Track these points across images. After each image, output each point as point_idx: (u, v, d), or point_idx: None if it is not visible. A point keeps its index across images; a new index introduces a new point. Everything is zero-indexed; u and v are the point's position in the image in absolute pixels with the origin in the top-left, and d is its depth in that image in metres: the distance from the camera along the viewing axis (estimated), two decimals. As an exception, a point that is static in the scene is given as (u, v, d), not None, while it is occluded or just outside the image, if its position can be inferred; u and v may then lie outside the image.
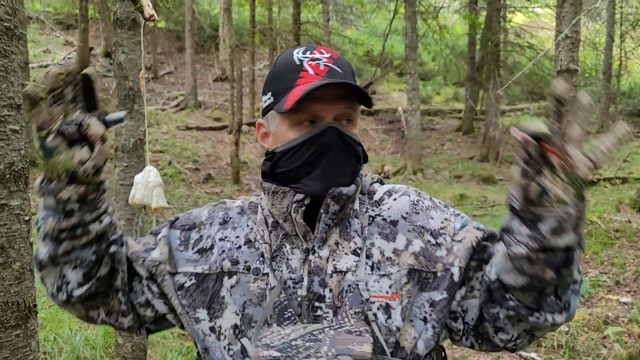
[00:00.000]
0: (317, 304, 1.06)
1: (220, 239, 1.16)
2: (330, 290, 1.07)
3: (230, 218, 1.20)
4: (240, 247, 1.14)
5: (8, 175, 1.72)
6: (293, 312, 1.06)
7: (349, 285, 1.06)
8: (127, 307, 1.19)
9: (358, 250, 1.10)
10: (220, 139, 13.41)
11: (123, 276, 1.17)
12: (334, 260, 1.09)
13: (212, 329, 1.12)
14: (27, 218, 1.80)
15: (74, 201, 1.04)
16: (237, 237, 1.16)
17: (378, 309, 1.06)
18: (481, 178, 12.09)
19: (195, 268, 1.15)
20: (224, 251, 1.14)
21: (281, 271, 1.09)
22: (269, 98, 1.13)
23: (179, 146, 11.94)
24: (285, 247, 1.11)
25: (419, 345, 1.07)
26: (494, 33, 13.73)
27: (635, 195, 8.51)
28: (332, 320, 1.05)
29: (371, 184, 1.23)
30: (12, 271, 1.75)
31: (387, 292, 1.07)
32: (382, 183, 1.27)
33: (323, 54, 1.10)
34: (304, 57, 1.09)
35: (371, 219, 1.14)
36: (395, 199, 1.17)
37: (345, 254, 1.09)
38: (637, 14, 16.61)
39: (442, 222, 1.14)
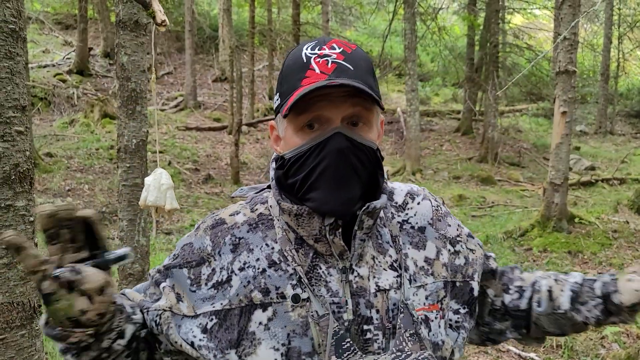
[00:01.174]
0: (365, 327, 0.99)
1: (240, 269, 1.02)
2: (377, 311, 1.00)
3: (241, 239, 1.05)
4: (264, 270, 1.01)
5: (13, 177, 1.73)
6: (350, 342, 0.97)
7: (394, 304, 1.01)
8: None
9: (395, 264, 1.04)
10: (220, 139, 13.41)
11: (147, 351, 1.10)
12: (374, 277, 1.02)
13: None
14: (32, 219, 1.81)
15: (86, 340, 0.93)
16: (258, 259, 1.02)
17: (420, 323, 1.02)
18: (480, 179, 12.11)
19: (214, 306, 1.01)
20: (249, 282, 1.01)
21: (322, 295, 0.99)
22: (277, 99, 1.03)
23: (179, 146, 11.94)
24: (321, 268, 1.01)
25: (456, 353, 1.06)
26: (492, 34, 13.76)
27: (634, 196, 8.54)
28: (382, 342, 0.99)
29: None
30: (17, 272, 1.77)
31: (424, 304, 1.03)
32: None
33: (334, 49, 0.99)
34: (312, 54, 0.98)
35: (399, 225, 1.09)
36: (419, 203, 1.13)
37: (384, 269, 1.03)
38: (634, 16, 16.65)
39: (457, 229, 1.14)
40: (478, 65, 15.17)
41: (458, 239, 1.12)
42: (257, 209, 1.09)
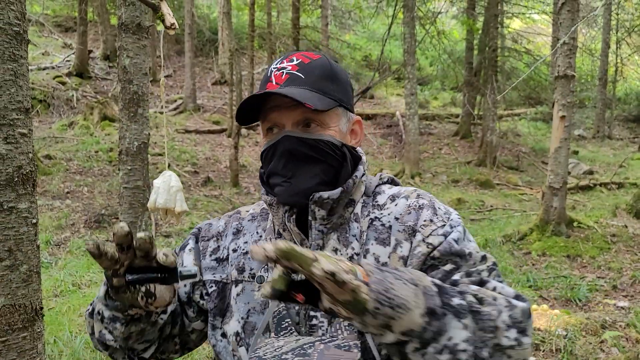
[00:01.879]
0: (312, 313, 1.07)
1: (233, 250, 1.20)
2: None
3: (243, 227, 1.24)
4: (246, 253, 1.17)
5: (16, 179, 1.73)
6: (290, 322, 1.07)
7: None
8: (179, 346, 1.26)
9: (355, 257, 1.09)
10: (219, 142, 13.42)
11: (180, 322, 1.24)
12: None
13: (223, 335, 1.16)
14: (34, 221, 1.81)
15: (141, 314, 1.09)
16: (246, 243, 1.19)
17: None
18: (478, 182, 12.12)
19: (214, 276, 1.20)
20: (236, 261, 1.18)
21: None
22: None
23: (178, 149, 11.94)
24: None
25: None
26: (491, 38, 13.80)
27: (632, 201, 8.56)
28: (326, 330, 1.05)
29: (378, 184, 1.21)
30: (20, 274, 1.77)
31: None
32: (395, 183, 1.24)
33: (292, 61, 1.12)
34: (274, 67, 1.13)
35: (370, 221, 1.12)
36: (396, 204, 1.14)
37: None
38: (632, 21, 16.70)
39: (425, 221, 1.09)
40: (477, 69, 15.20)
41: (420, 228, 1.08)
42: (262, 205, 1.26)
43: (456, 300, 0.91)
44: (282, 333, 1.06)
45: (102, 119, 12.75)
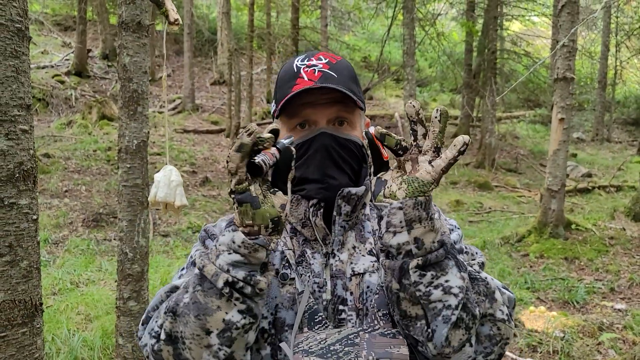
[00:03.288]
0: (340, 307, 1.08)
1: None
2: (352, 293, 1.09)
3: None
4: None
5: (17, 175, 1.74)
6: (322, 316, 1.06)
7: (368, 287, 1.09)
8: None
9: (373, 250, 1.13)
10: (218, 142, 13.42)
11: None
12: (352, 263, 1.11)
13: None
14: (34, 217, 1.81)
15: (271, 250, 0.99)
16: None
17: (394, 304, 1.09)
18: (477, 184, 12.14)
19: None
20: None
21: (307, 276, 1.10)
22: (274, 105, 1.18)
23: (176, 149, 11.94)
24: (307, 253, 1.13)
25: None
26: (490, 40, 13.81)
27: (630, 204, 8.57)
28: (356, 322, 1.06)
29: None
30: (20, 269, 1.77)
31: None
32: None
33: (321, 60, 1.14)
34: (302, 64, 1.13)
35: (379, 220, 1.14)
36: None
37: (362, 255, 1.12)
38: (632, 24, 16.74)
39: None
40: (476, 72, 15.22)
41: None
42: None
43: (460, 257, 1.04)
44: (316, 327, 1.05)
45: (101, 118, 12.74)
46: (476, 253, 1.21)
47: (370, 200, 1.20)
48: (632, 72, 21.31)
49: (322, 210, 1.11)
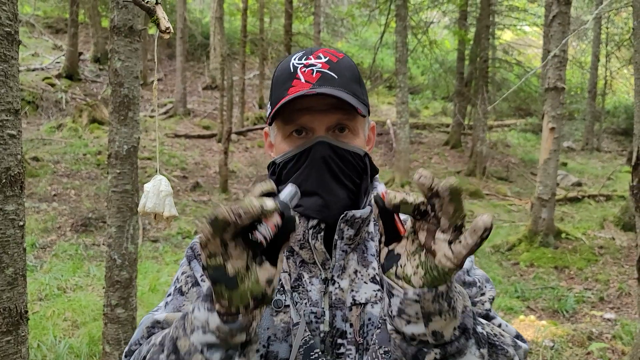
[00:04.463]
0: (339, 340, 0.99)
1: None
2: (351, 325, 1.00)
3: None
4: None
5: (4, 180, 1.71)
6: (319, 353, 0.97)
7: (369, 319, 1.00)
8: None
9: (377, 277, 1.03)
10: (209, 147, 13.37)
11: None
12: (352, 291, 1.02)
13: None
14: (21, 223, 1.78)
15: (257, 321, 0.85)
16: None
17: None
18: (468, 192, 12.16)
19: None
20: None
21: (303, 304, 1.01)
22: (269, 107, 1.07)
23: (167, 153, 11.89)
24: (304, 277, 1.03)
25: None
26: (482, 49, 13.90)
27: (619, 213, 8.63)
28: (355, 357, 0.98)
29: None
30: (5, 277, 1.74)
31: None
32: None
33: (320, 58, 1.03)
34: (299, 64, 1.02)
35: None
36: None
37: (365, 282, 1.03)
38: (622, 35, 16.90)
39: None
40: (468, 80, 15.31)
41: None
42: None
43: (479, 329, 0.90)
44: None
45: (91, 121, 12.67)
46: (486, 284, 1.10)
47: (375, 222, 1.08)
48: (622, 82, 21.50)
49: (322, 233, 1.00)
